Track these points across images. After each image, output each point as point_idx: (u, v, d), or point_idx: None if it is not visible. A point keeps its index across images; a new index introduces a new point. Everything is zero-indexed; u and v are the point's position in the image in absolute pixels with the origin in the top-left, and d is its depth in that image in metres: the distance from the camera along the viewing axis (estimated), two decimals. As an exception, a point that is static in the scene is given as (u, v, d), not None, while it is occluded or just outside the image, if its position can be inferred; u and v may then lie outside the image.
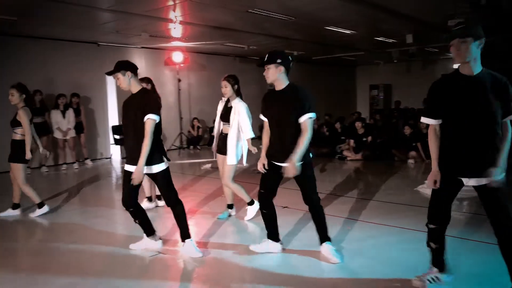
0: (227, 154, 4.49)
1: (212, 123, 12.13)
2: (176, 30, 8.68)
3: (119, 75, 3.41)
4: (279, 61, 3.35)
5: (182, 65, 11.23)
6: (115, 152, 10.27)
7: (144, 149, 3.30)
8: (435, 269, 2.93)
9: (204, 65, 12.49)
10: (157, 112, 3.41)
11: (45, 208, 5.09)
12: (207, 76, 12.51)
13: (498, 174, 2.53)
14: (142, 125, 3.34)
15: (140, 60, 10.95)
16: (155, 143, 3.40)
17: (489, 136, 2.57)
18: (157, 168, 3.46)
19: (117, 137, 9.98)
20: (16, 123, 4.78)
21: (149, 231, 3.78)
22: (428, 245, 2.91)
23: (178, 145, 11.21)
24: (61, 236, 4.38)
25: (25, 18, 7.11)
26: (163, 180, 3.54)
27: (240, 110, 4.47)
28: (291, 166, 3.27)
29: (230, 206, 4.92)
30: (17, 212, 5.13)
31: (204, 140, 12.25)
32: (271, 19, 7.83)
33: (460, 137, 2.63)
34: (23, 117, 4.71)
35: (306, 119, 3.31)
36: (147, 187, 5.23)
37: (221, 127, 4.71)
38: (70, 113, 8.75)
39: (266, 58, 3.42)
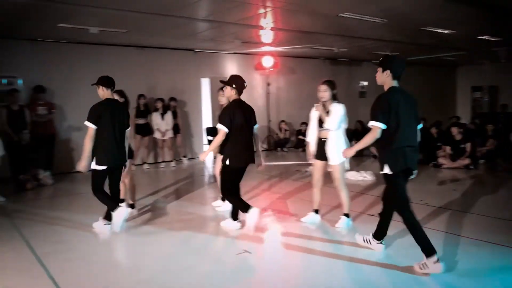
0: (331, 157, 4.51)
1: (299, 126, 12.26)
2: (266, 36, 8.94)
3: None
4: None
5: (272, 69, 11.47)
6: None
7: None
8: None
9: (293, 69, 12.63)
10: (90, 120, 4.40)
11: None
12: (296, 79, 12.63)
13: None
14: None
15: (232, 65, 11.45)
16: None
17: None
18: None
19: (210, 138, 10.53)
20: None
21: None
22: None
23: (266, 147, 11.49)
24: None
25: (135, 30, 7.88)
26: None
27: (337, 110, 4.51)
28: None
29: (316, 211, 4.93)
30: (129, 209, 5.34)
31: (291, 143, 12.40)
32: (362, 22, 7.68)
33: None
34: None
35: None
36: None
37: (318, 132, 4.67)
38: (168, 115, 9.48)
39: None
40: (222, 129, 4.35)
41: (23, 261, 3.86)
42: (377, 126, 3.36)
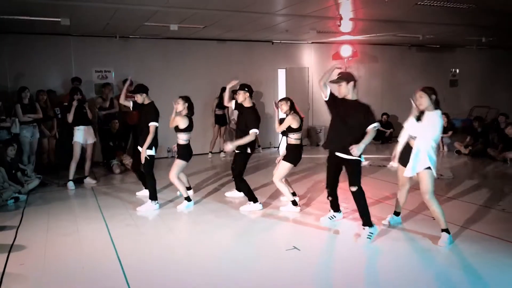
0: (409, 166, 4.17)
1: (379, 117, 11.80)
2: (342, 26, 8.71)
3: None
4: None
5: (350, 58, 11.15)
6: (283, 142, 11.00)
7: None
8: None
9: (375, 57, 12.13)
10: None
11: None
12: (379, 67, 12.12)
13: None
14: None
15: (309, 54, 11.37)
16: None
17: None
18: None
19: (285, 128, 10.68)
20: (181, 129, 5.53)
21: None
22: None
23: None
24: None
25: (212, 26, 8.23)
26: None
27: (435, 122, 4.11)
28: None
29: (396, 214, 4.78)
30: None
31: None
32: (446, 9, 7.11)
33: None
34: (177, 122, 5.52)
35: None
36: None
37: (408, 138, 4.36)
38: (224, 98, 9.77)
39: None
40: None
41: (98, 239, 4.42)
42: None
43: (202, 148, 9.66)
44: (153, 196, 5.54)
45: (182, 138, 5.55)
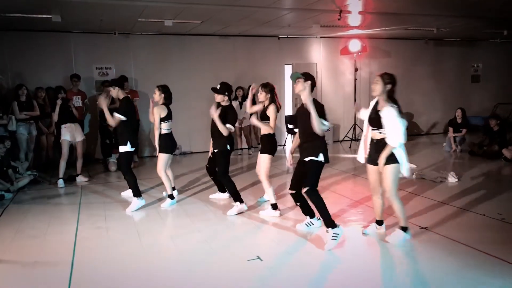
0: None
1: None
2: (349, 19, 8.31)
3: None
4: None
5: (360, 53, 10.68)
6: (289, 140, 10.69)
7: None
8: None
9: (388, 52, 11.59)
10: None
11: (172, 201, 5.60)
12: (392, 63, 11.57)
13: None
14: None
15: (318, 50, 10.98)
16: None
17: None
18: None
19: (290, 126, 10.39)
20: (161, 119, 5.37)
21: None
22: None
23: (351, 137, 10.85)
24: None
25: (209, 21, 8.02)
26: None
27: (394, 124, 3.83)
28: None
29: (379, 223, 4.40)
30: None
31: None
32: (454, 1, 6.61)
33: None
34: (156, 113, 5.33)
35: None
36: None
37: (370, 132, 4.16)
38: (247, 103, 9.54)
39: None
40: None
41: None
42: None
43: (205, 145, 9.48)
44: (136, 193, 5.42)
45: (163, 127, 5.40)
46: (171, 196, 5.55)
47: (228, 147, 5.11)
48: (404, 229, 4.11)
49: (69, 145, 6.91)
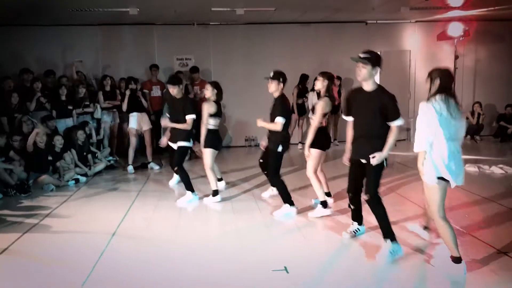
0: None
1: (502, 109, 9.71)
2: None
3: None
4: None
5: (461, 38, 9.27)
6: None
7: None
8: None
9: (500, 35, 9.89)
10: None
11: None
12: (505, 48, 9.89)
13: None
14: None
15: (412, 35, 9.85)
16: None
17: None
18: None
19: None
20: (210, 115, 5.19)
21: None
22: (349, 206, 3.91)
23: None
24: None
25: (283, 8, 7.64)
26: None
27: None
28: None
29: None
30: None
31: (489, 129, 10.00)
32: None
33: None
34: (205, 109, 5.16)
35: None
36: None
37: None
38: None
39: None
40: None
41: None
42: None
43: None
44: (189, 187, 5.37)
45: (211, 123, 5.25)
46: (215, 192, 5.36)
47: (280, 148, 4.64)
48: (457, 260, 3.23)
49: (136, 134, 7.17)
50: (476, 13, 8.67)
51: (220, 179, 5.86)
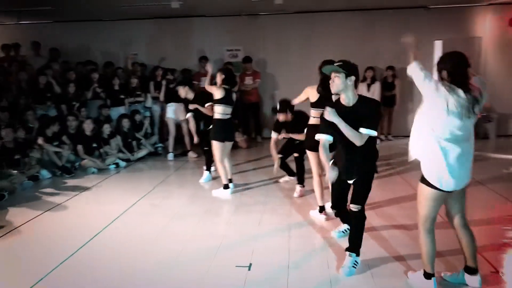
0: None
1: None
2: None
3: None
4: None
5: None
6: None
7: None
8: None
9: None
10: None
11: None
12: None
13: None
14: None
15: (483, 20, 8.78)
16: None
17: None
18: None
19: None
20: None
21: None
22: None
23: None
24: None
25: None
26: None
27: None
28: None
29: None
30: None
31: None
32: None
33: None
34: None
35: None
36: None
37: None
38: (376, 86, 8.51)
39: None
40: None
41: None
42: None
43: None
44: (208, 168, 5.65)
45: (217, 111, 5.18)
46: (226, 186, 5.38)
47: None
48: (428, 276, 2.93)
49: (174, 123, 7.51)
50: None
51: (230, 180, 5.57)
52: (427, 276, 2.92)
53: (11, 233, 4.24)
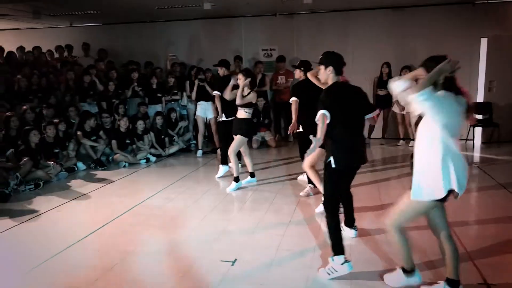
0: None
1: None
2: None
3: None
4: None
5: None
6: (477, 134, 8.47)
7: None
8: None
9: None
10: None
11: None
12: None
13: None
14: None
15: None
16: None
17: None
18: None
19: (480, 117, 8.26)
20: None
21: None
22: None
23: None
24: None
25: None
26: None
27: None
28: None
29: None
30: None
31: None
32: None
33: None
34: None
35: None
36: None
37: None
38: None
39: None
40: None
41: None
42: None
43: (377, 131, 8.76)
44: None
45: (248, 112, 5.56)
46: (236, 179, 5.53)
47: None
48: (407, 272, 2.96)
49: (203, 121, 7.75)
50: None
51: (252, 174, 5.84)
52: (407, 272, 2.96)
53: (34, 219, 4.68)
